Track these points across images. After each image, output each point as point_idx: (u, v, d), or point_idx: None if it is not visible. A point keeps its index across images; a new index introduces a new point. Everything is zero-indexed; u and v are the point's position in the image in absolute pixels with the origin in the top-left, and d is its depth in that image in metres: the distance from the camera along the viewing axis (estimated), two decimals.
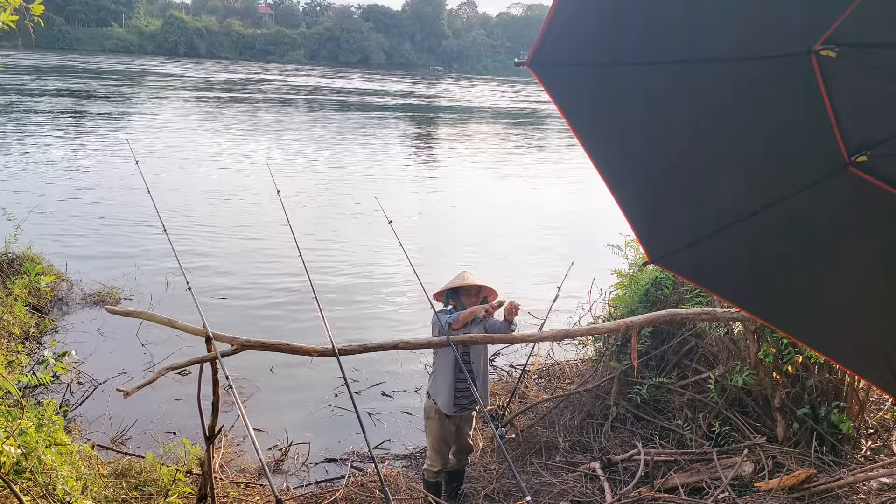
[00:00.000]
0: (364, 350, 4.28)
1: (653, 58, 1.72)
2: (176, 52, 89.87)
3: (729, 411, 5.21)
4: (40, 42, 71.41)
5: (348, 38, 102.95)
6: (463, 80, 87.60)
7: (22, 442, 3.59)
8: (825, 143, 1.81)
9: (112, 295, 8.62)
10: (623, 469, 5.04)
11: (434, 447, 4.69)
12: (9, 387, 3.86)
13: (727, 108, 1.84)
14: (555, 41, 1.63)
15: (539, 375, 7.04)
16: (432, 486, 4.75)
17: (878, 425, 5.20)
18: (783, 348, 4.76)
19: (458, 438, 4.74)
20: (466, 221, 14.67)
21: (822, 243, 2.09)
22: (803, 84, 1.71)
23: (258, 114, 33.36)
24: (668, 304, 5.65)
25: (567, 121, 1.79)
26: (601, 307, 6.94)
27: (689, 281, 4.29)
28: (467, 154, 25.48)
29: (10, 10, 3.78)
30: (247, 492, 4.84)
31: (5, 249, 8.36)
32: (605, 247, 6.62)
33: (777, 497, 4.30)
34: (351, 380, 3.88)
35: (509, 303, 4.31)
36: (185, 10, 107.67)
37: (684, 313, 4.65)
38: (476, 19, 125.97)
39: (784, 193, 1.95)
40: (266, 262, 10.57)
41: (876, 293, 2.15)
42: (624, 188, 1.97)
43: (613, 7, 1.65)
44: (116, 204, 13.35)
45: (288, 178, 16.25)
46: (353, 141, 25.97)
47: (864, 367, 2.41)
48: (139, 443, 5.54)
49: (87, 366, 6.72)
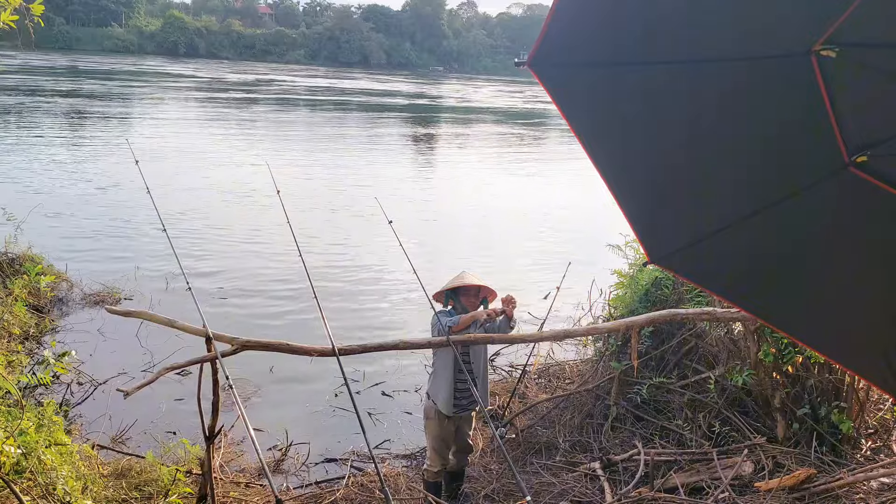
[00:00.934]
0: (364, 350, 4.28)
1: (653, 58, 1.72)
2: (176, 52, 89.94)
3: (729, 411, 5.21)
4: (40, 42, 71.38)
5: (348, 38, 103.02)
6: (463, 80, 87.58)
7: (22, 442, 3.59)
8: (825, 144, 1.81)
9: (112, 295, 8.62)
10: (623, 469, 5.03)
11: (434, 447, 4.69)
12: (9, 387, 3.86)
13: (727, 108, 1.84)
14: (555, 41, 1.63)
15: (539, 375, 7.04)
16: (432, 486, 4.74)
17: (878, 425, 5.20)
18: (783, 348, 4.75)
19: (457, 439, 4.74)
20: (467, 221, 14.67)
21: (822, 243, 2.09)
22: (803, 84, 1.70)
23: (259, 114, 33.36)
24: (668, 304, 5.66)
25: (567, 121, 1.79)
26: (601, 307, 6.95)
27: (689, 281, 4.29)
28: (467, 154, 25.48)
29: (10, 10, 3.78)
30: (247, 492, 4.84)
31: (5, 249, 8.36)
32: (605, 247, 6.63)
33: (777, 497, 4.30)
34: (351, 380, 3.88)
35: (506, 295, 4.33)
36: (185, 10, 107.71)
37: (684, 313, 4.65)
38: (476, 19, 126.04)
39: (784, 193, 1.95)
40: (266, 263, 10.57)
41: (876, 293, 2.14)
42: (624, 188, 1.97)
43: (613, 7, 1.65)
44: (116, 204, 13.35)
45: (288, 178, 16.24)
46: (354, 141, 25.98)
47: (864, 367, 2.41)
48: (139, 443, 5.54)
49: (87, 366, 6.72)
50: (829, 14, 1.58)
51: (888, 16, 1.59)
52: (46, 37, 77.45)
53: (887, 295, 2.11)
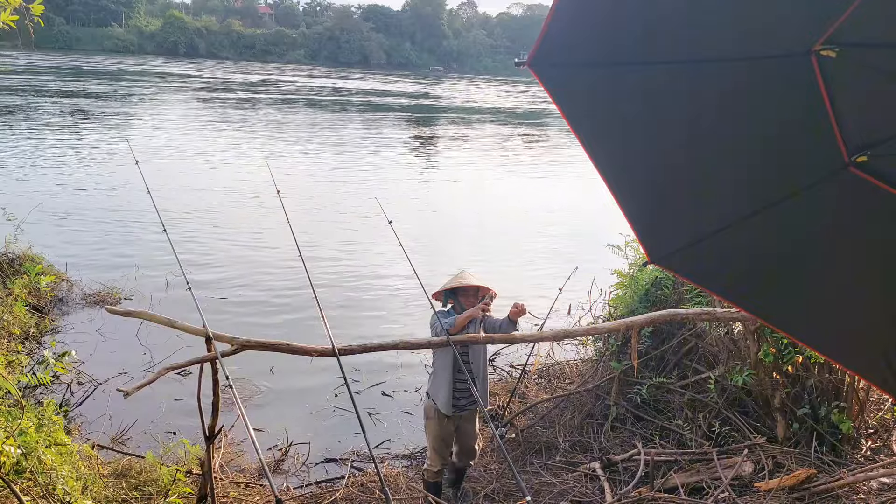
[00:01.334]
0: (364, 350, 4.28)
1: (653, 58, 1.72)
2: (176, 53, 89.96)
3: (729, 411, 5.21)
4: (40, 42, 71.42)
5: (348, 38, 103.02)
6: (463, 80, 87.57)
7: (22, 442, 3.59)
8: (825, 143, 1.81)
9: (112, 295, 8.62)
10: (623, 469, 5.04)
11: (433, 447, 4.68)
12: (9, 387, 3.86)
13: (727, 108, 1.84)
14: (555, 41, 1.63)
15: (539, 375, 7.04)
16: (432, 486, 4.74)
17: (878, 425, 5.20)
18: (783, 348, 4.75)
19: (459, 439, 4.74)
20: (467, 221, 14.67)
21: (822, 243, 2.09)
22: (803, 84, 1.70)
23: (259, 114, 33.36)
24: (668, 304, 5.66)
25: (567, 121, 1.79)
26: (601, 307, 6.95)
27: (689, 281, 4.29)
28: (467, 154, 25.47)
29: (10, 10, 3.78)
30: (247, 492, 4.84)
31: (5, 249, 8.36)
32: (605, 247, 6.63)
33: (777, 497, 4.30)
34: (351, 380, 3.88)
35: (514, 304, 4.32)
36: (185, 10, 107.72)
37: (684, 313, 4.65)
38: (476, 19, 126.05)
39: (784, 193, 1.95)
40: (266, 263, 10.57)
41: (876, 293, 2.14)
42: (624, 188, 1.97)
43: (613, 7, 1.65)
44: (117, 204, 13.35)
45: (288, 178, 16.25)
46: (354, 141, 25.97)
47: (864, 367, 2.41)
48: (139, 443, 5.54)
49: (87, 366, 6.72)
50: (829, 14, 1.58)
51: (888, 16, 1.59)
52: (46, 37, 77.45)
53: (887, 295, 2.11)
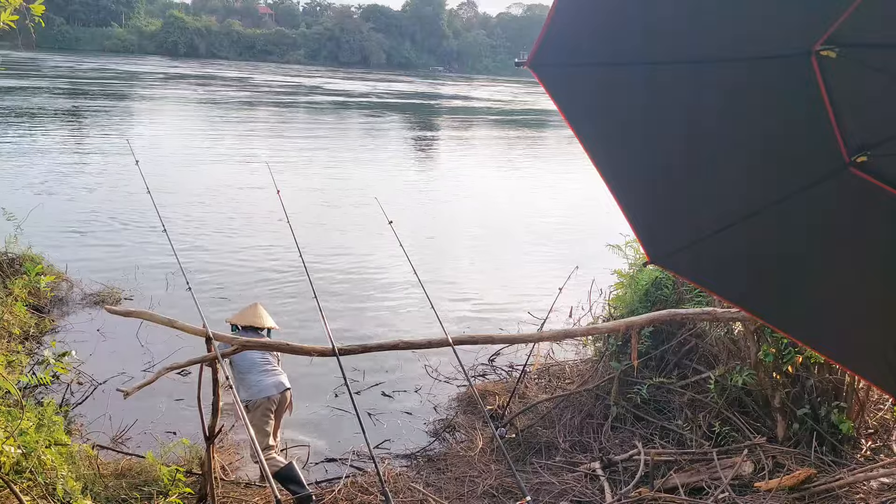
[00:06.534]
0: (364, 350, 4.28)
1: (653, 58, 1.72)
2: (176, 53, 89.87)
3: (729, 411, 5.21)
4: (40, 42, 71.30)
5: (348, 38, 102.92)
6: (463, 80, 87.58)
7: (22, 442, 3.59)
8: (825, 143, 1.81)
9: (112, 295, 8.61)
10: (623, 469, 5.04)
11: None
12: (9, 387, 3.86)
13: (727, 109, 1.84)
14: (555, 41, 1.63)
15: (539, 375, 7.04)
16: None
17: (878, 425, 5.20)
18: (783, 348, 4.75)
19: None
20: (467, 221, 14.67)
21: (821, 243, 2.09)
22: (803, 84, 1.70)
23: (259, 114, 33.36)
24: (668, 304, 5.66)
25: (567, 121, 1.79)
26: (601, 307, 6.95)
27: (689, 281, 4.29)
28: (467, 154, 25.48)
29: (10, 10, 3.78)
30: (247, 492, 4.84)
31: (5, 249, 8.36)
32: (605, 247, 6.63)
33: (777, 497, 4.30)
34: (351, 380, 3.89)
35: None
36: (186, 10, 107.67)
37: (684, 313, 4.65)
38: (476, 19, 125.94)
39: (784, 193, 1.95)
40: (266, 263, 10.57)
41: (876, 293, 2.14)
42: (624, 188, 1.97)
43: (613, 7, 1.65)
44: (117, 204, 13.34)
45: (288, 178, 16.24)
46: (354, 141, 25.97)
47: (863, 367, 2.40)
48: (139, 443, 5.54)
49: (87, 366, 6.71)
50: (829, 14, 1.58)
51: (888, 16, 1.59)
52: (46, 37, 77.37)
53: (887, 295, 2.11)
